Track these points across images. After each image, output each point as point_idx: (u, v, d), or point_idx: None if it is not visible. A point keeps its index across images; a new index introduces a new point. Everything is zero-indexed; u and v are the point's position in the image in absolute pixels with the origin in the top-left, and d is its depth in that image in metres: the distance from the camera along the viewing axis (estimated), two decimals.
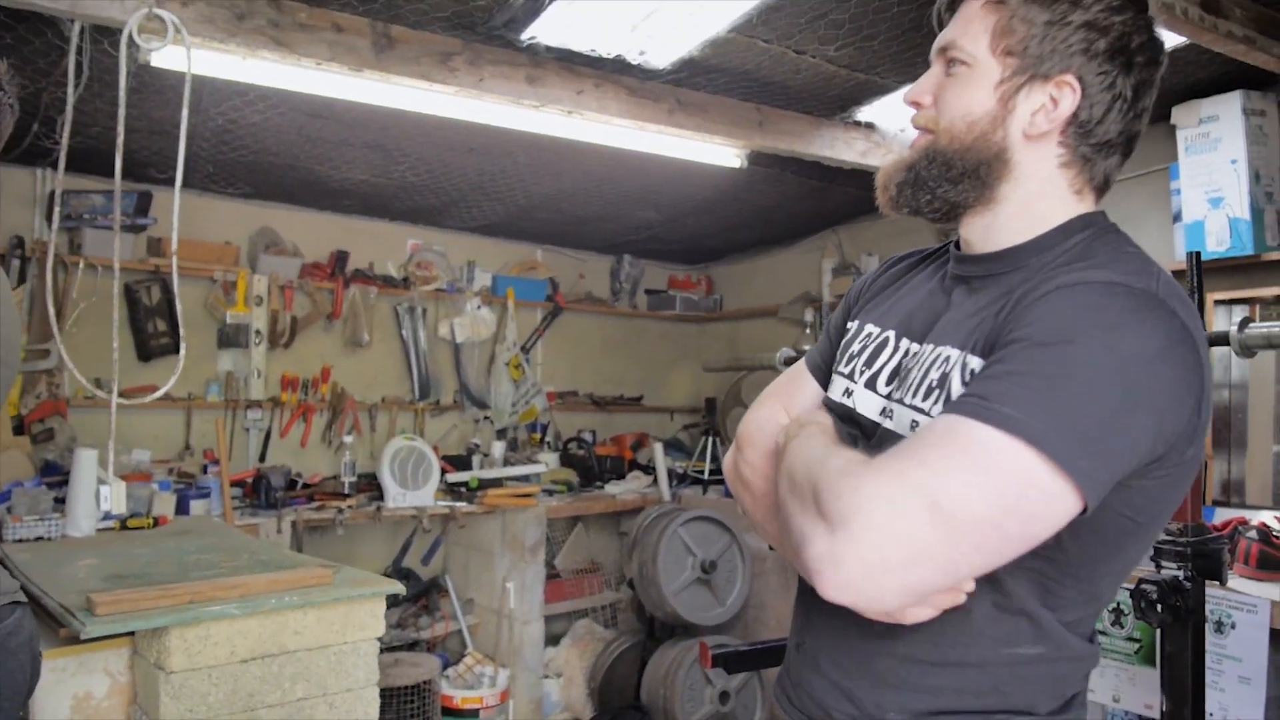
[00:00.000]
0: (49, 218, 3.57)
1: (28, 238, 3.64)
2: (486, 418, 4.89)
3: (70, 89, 2.36)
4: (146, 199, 3.85)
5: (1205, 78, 2.85)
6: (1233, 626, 2.28)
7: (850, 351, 1.18)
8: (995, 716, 0.99)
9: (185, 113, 2.24)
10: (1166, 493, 0.94)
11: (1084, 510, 0.85)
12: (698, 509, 4.16)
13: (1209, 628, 2.21)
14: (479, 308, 4.81)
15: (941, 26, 1.09)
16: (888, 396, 1.08)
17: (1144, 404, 0.85)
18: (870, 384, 1.12)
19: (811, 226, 4.90)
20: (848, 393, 1.15)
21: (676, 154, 3.34)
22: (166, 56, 2.28)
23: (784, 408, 1.21)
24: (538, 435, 5.01)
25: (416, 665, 3.74)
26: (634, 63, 2.74)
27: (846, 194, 4.16)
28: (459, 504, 4.05)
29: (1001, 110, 1.01)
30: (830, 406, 1.17)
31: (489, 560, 4.36)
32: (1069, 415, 0.83)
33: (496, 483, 4.26)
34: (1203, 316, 1.98)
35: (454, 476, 4.22)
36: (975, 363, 0.96)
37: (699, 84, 2.98)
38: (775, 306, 5.08)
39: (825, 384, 1.23)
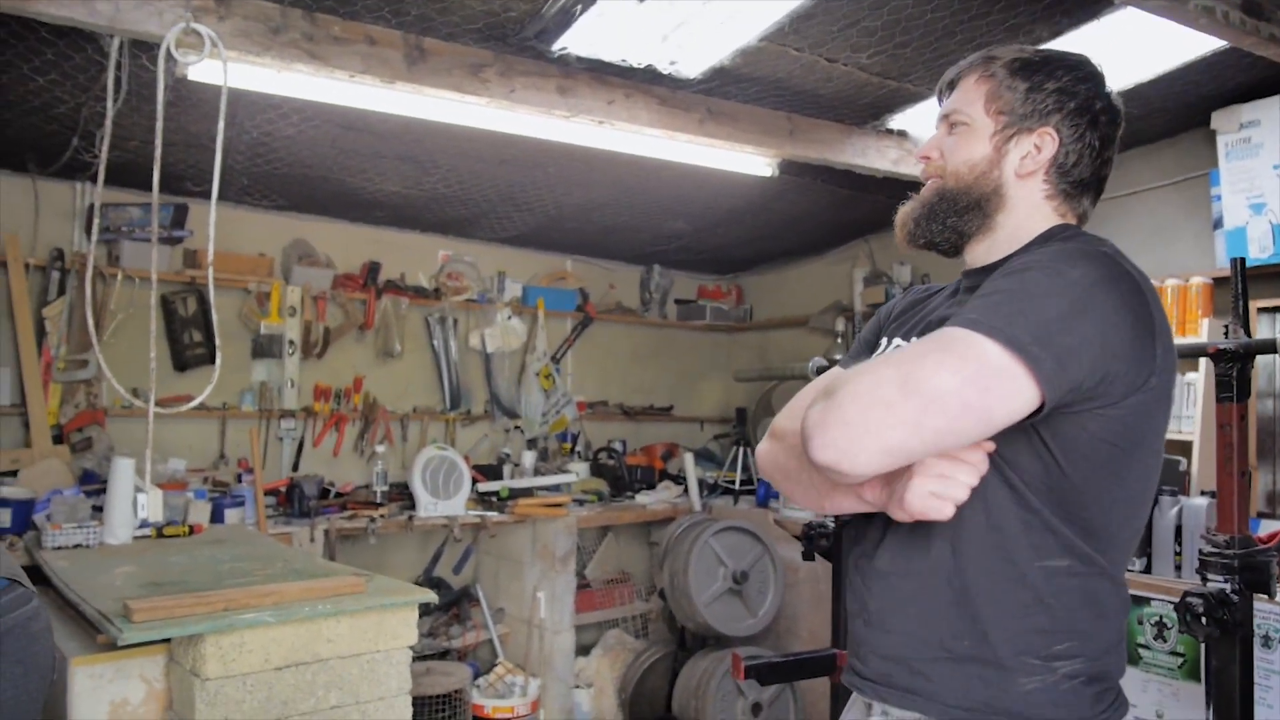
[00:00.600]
0: (88, 230, 3.63)
1: (67, 250, 3.71)
2: (517, 427, 4.90)
3: (109, 103, 2.40)
4: (183, 211, 3.90)
5: (1246, 82, 2.80)
6: None
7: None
8: (1052, 637, 1.13)
9: (221, 126, 2.27)
10: (1141, 422, 1.11)
11: (1042, 403, 1.03)
12: (729, 519, 4.13)
13: (1256, 642, 2.16)
14: (509, 318, 4.82)
15: (941, 99, 1.36)
16: None
17: (1087, 316, 1.05)
18: None
19: (842, 235, 4.87)
20: None
21: (707, 163, 3.34)
22: (203, 70, 2.31)
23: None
24: (568, 445, 5.01)
25: (448, 674, 3.74)
26: (665, 72, 2.74)
27: (878, 203, 4.13)
28: (490, 513, 4.05)
29: (996, 155, 1.26)
30: None
31: (519, 570, 4.36)
32: (1022, 315, 1.03)
33: (527, 492, 4.26)
34: (1246, 324, 1.94)
35: (485, 486, 4.23)
36: None
37: (730, 93, 2.97)
38: (806, 316, 5.05)
39: None
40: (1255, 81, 2.79)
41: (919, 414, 0.99)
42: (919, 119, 3.17)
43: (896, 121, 3.20)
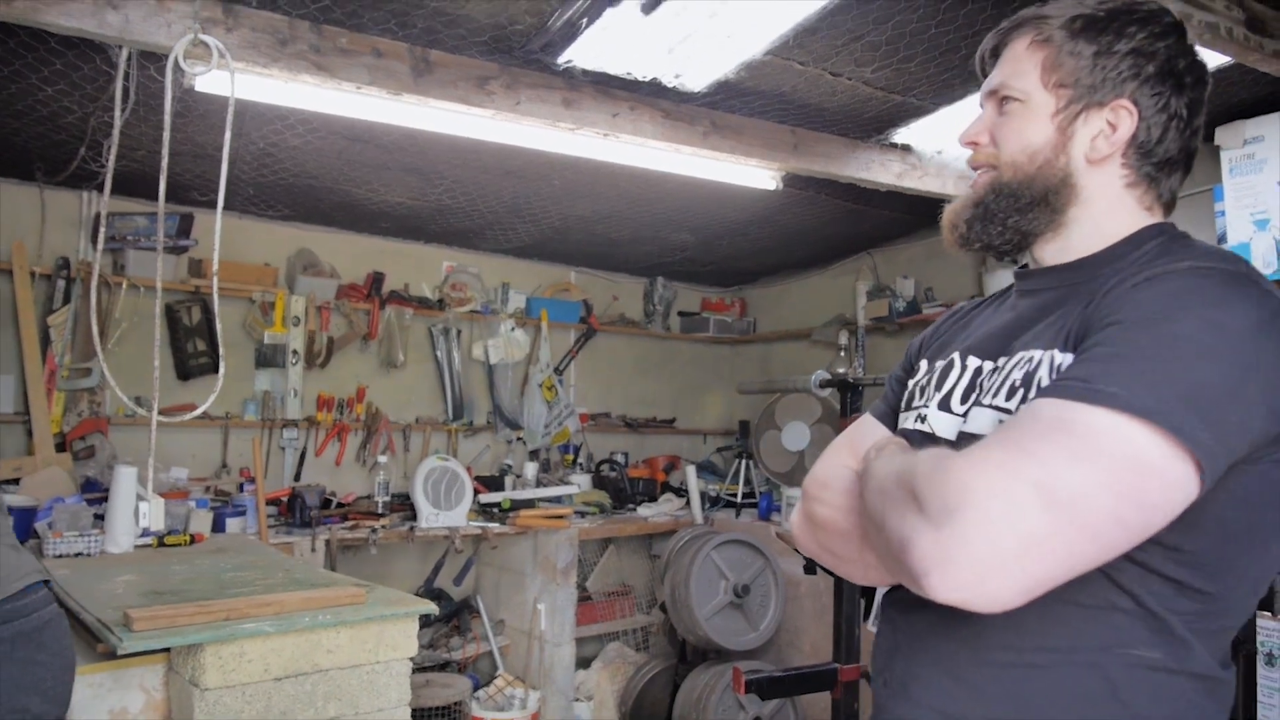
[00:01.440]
0: (94, 239, 3.65)
1: (73, 259, 3.72)
2: (519, 439, 4.90)
3: (117, 113, 2.41)
4: (188, 221, 3.92)
5: (1250, 98, 2.80)
6: None
7: (920, 385, 1.16)
8: None
9: (228, 136, 2.28)
10: None
11: (1200, 488, 0.81)
12: (731, 532, 4.12)
13: (1260, 660, 2.15)
14: (513, 329, 4.83)
15: (985, 73, 1.13)
16: (965, 414, 1.05)
17: (1253, 376, 0.83)
18: (944, 405, 1.08)
19: (846, 249, 4.87)
20: (920, 418, 1.11)
21: (711, 176, 3.34)
22: (210, 81, 2.32)
23: (852, 455, 1.14)
24: (570, 457, 5.00)
25: (448, 686, 3.74)
26: (669, 85, 2.75)
27: (882, 216, 4.14)
28: (491, 525, 4.05)
29: (1061, 138, 1.03)
30: (905, 434, 1.12)
31: (520, 581, 4.35)
32: (1179, 388, 0.80)
33: (529, 504, 4.25)
34: None
35: (486, 497, 4.23)
36: (1066, 359, 0.93)
37: (734, 106, 2.98)
38: (809, 329, 5.05)
39: (894, 430, 1.19)
40: (1259, 98, 2.79)
41: (1069, 545, 0.78)
42: (923, 133, 3.18)
43: (900, 136, 3.21)
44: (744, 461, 4.80)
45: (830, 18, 2.31)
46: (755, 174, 3.36)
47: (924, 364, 1.19)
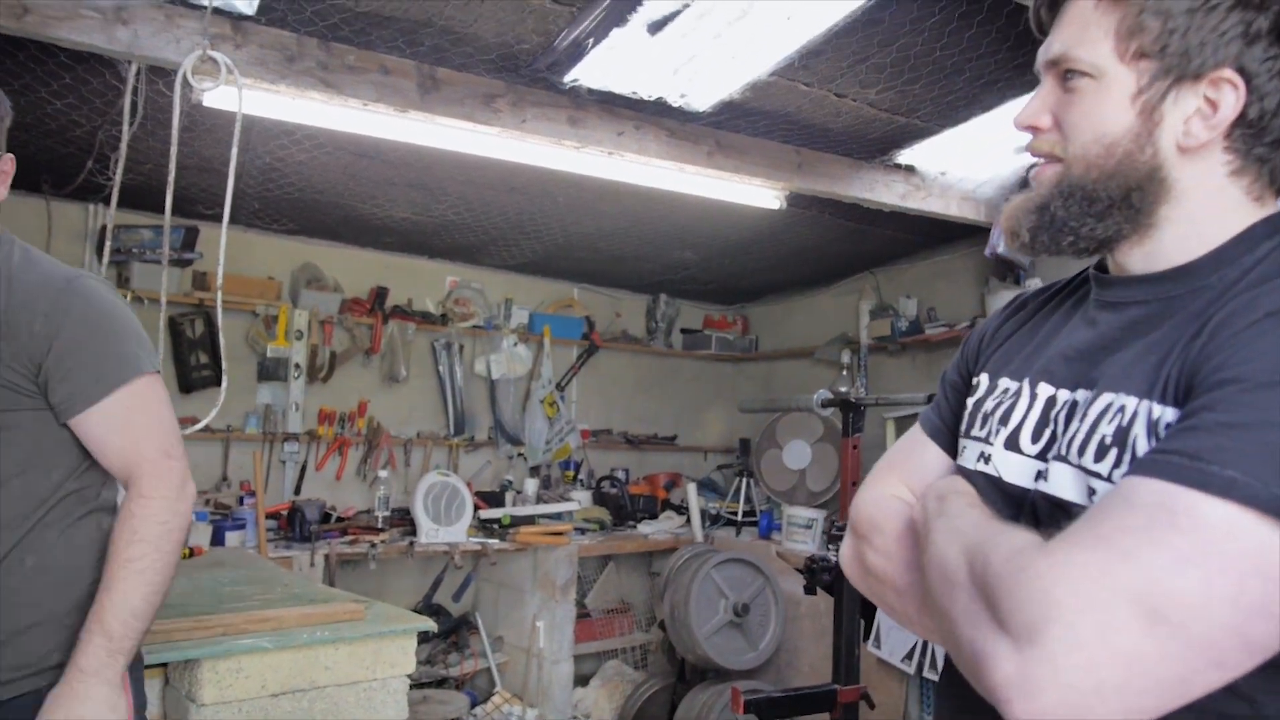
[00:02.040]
0: (99, 252, 3.66)
1: None
2: (520, 454, 4.89)
3: (125, 127, 2.42)
4: (194, 234, 3.93)
5: None
6: None
7: (984, 411, 0.98)
8: None
9: (235, 151, 2.29)
10: None
11: None
12: (731, 551, 4.11)
13: None
14: (515, 345, 4.84)
15: (1043, 30, 0.91)
16: (1039, 456, 0.89)
17: None
18: (1011, 444, 0.92)
19: (849, 268, 4.88)
20: (984, 457, 0.95)
21: (715, 195, 3.36)
22: (218, 97, 2.34)
23: (903, 482, 1.03)
24: (571, 473, 5.00)
25: (445, 703, 3.72)
26: (675, 105, 2.77)
27: (885, 236, 4.15)
28: (491, 541, 4.04)
29: (1146, 124, 0.83)
30: (967, 475, 0.96)
31: (519, 598, 4.34)
32: None
33: (529, 520, 4.25)
34: None
35: (487, 513, 4.22)
36: (1165, 413, 0.76)
37: (739, 126, 3.00)
38: (811, 348, 5.06)
39: (950, 449, 1.04)
40: None
41: (1179, 667, 0.64)
42: (927, 155, 3.19)
43: (904, 157, 3.22)
44: (745, 479, 4.79)
45: (835, 40, 2.32)
46: (759, 193, 3.37)
47: (984, 378, 1.01)
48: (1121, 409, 0.80)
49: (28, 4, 2.05)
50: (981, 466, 0.95)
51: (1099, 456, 0.80)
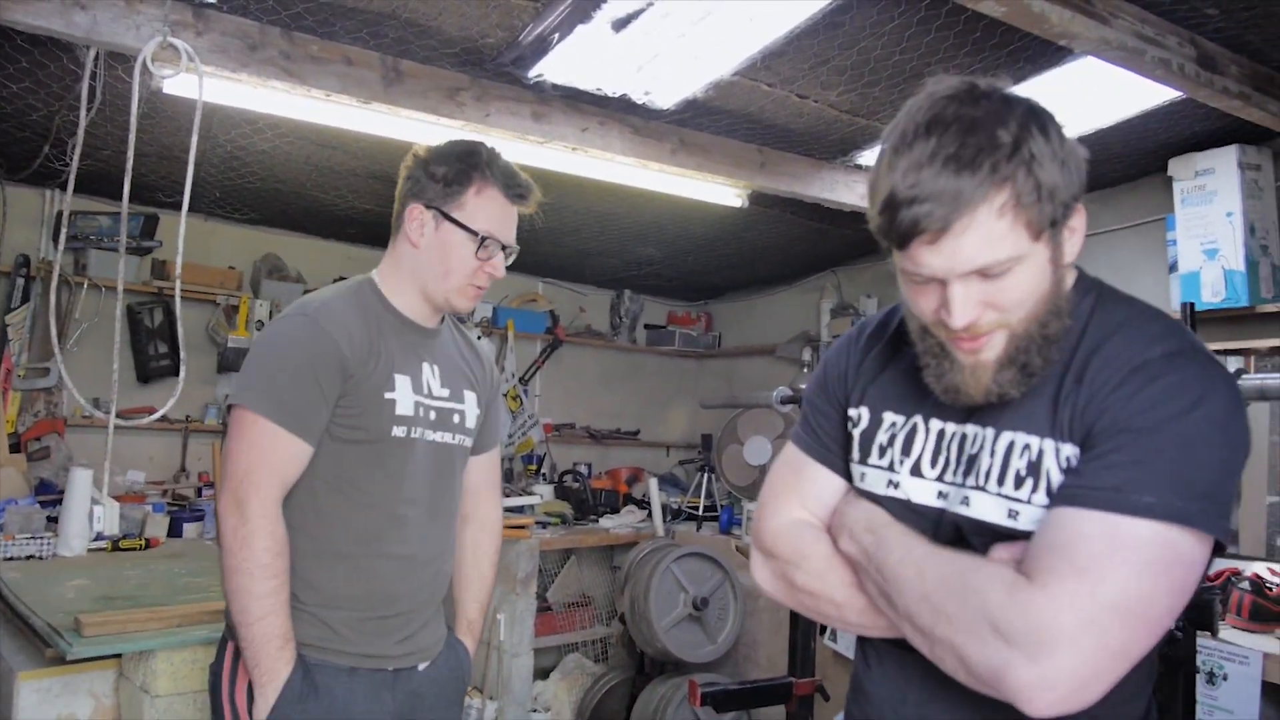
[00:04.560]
0: (55, 238, 3.61)
1: (34, 257, 3.68)
2: None
3: (83, 113, 2.39)
4: (153, 222, 3.88)
5: (1202, 131, 2.89)
6: (1224, 678, 2.27)
7: (878, 443, 1.15)
8: None
9: (195, 139, 2.28)
10: None
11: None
12: (691, 545, 4.14)
13: (1200, 679, 2.20)
14: (479, 338, 4.82)
15: (900, 243, 0.98)
16: (938, 479, 1.09)
17: (1240, 452, 0.97)
18: (915, 471, 1.11)
19: (811, 267, 4.93)
20: (893, 484, 1.13)
21: (679, 192, 3.38)
22: (179, 84, 2.32)
23: (804, 506, 1.19)
24: (533, 467, 5.00)
25: None
26: (639, 102, 2.78)
27: (845, 236, 4.20)
28: None
29: (1058, 268, 1.00)
30: (877, 500, 1.13)
31: None
32: (1200, 485, 0.92)
33: None
34: None
35: None
36: (1068, 449, 0.99)
37: (702, 124, 3.02)
38: (773, 345, 5.10)
39: (840, 472, 1.20)
40: (1210, 131, 2.88)
41: (1141, 644, 0.92)
42: None
43: (865, 158, 3.27)
44: (706, 474, 4.83)
45: (797, 41, 2.35)
46: (722, 191, 3.40)
47: (864, 411, 1.17)
48: (1027, 446, 1.02)
49: None
50: (892, 492, 1.12)
51: (1017, 485, 1.01)
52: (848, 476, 1.19)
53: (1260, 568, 2.58)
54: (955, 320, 0.97)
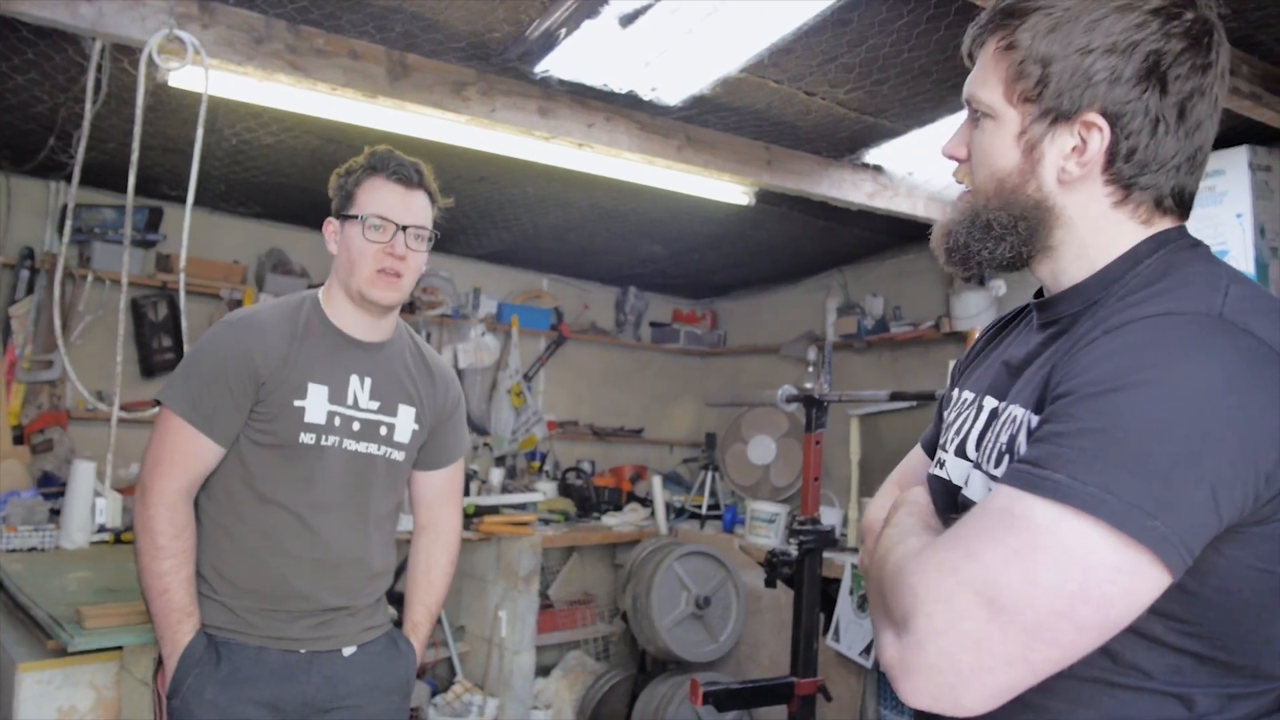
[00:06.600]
0: (60, 230, 3.60)
1: (38, 249, 3.67)
2: (486, 444, 4.88)
3: (88, 105, 2.39)
4: (157, 215, 3.88)
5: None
6: None
7: (948, 421, 1.08)
8: None
9: (200, 132, 2.27)
10: None
11: (1169, 572, 0.74)
12: (694, 544, 4.14)
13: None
14: (483, 334, 4.82)
15: (972, 63, 0.98)
16: (976, 464, 0.97)
17: (1220, 442, 0.73)
18: (960, 450, 1.01)
19: (817, 265, 4.92)
20: (940, 463, 1.05)
21: (685, 189, 3.37)
22: (184, 77, 2.31)
23: (899, 487, 1.14)
24: (537, 464, 5.00)
25: None
26: (645, 98, 2.77)
27: (853, 235, 4.18)
28: None
29: (1029, 161, 0.91)
30: (930, 482, 1.07)
31: (482, 588, 4.34)
32: (1128, 473, 0.73)
33: (493, 510, 4.24)
34: None
35: None
36: (1036, 421, 0.86)
37: (709, 121, 3.01)
38: (778, 344, 5.09)
39: (932, 456, 1.15)
40: (1220, 132, 2.85)
41: (1023, 649, 0.74)
42: (894, 155, 3.22)
43: (872, 156, 3.25)
44: (710, 473, 4.82)
45: (805, 38, 2.34)
46: (728, 189, 3.39)
47: (956, 393, 1.09)
48: (1014, 419, 0.91)
49: None
50: (937, 471, 1.05)
51: (998, 463, 0.91)
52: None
53: None
54: (944, 144, 0.99)
